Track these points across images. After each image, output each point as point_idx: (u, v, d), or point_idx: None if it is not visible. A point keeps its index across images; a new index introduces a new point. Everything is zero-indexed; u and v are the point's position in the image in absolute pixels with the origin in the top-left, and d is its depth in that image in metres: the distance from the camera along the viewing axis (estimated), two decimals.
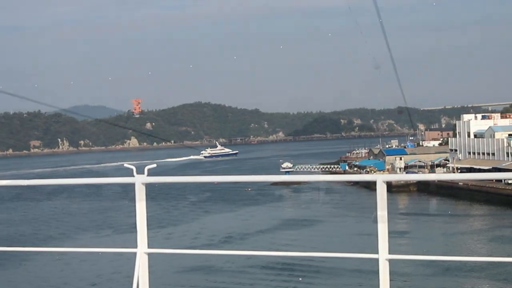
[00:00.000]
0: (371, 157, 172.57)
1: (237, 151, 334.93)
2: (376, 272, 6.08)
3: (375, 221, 6.05)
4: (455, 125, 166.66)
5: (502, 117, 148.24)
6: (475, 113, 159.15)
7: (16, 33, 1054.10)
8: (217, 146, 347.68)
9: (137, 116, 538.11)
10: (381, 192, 6.04)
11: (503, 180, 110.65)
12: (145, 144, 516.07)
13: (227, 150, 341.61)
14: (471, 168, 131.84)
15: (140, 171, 6.77)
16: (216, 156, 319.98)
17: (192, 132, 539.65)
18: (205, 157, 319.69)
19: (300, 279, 57.99)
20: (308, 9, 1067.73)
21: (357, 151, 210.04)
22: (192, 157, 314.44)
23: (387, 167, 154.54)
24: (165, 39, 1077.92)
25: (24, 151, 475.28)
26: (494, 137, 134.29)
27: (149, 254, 6.70)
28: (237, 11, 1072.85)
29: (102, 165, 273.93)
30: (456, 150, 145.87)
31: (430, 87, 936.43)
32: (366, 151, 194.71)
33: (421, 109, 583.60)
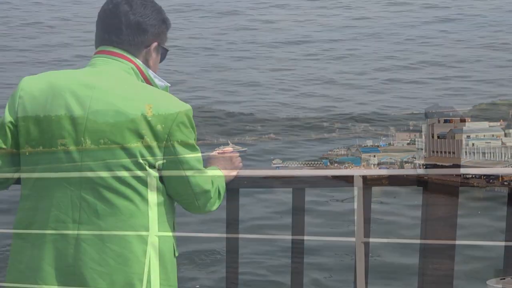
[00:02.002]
0: (349, 154, 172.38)
1: (246, 149, 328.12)
2: (353, 254, 6.04)
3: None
4: (421, 127, 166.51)
5: (461, 121, 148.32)
6: (439, 118, 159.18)
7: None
8: (228, 144, 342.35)
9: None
10: (358, 185, 6.01)
11: (461, 175, 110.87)
12: None
13: (237, 147, 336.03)
14: (435, 164, 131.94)
15: None
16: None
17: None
18: (218, 153, 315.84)
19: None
20: None
21: (337, 150, 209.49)
22: (206, 153, 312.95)
23: (362, 163, 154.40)
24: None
25: None
26: (454, 138, 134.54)
27: None
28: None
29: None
30: (422, 149, 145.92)
31: (401, 95, 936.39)
32: (345, 149, 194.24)
33: (393, 114, 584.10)
